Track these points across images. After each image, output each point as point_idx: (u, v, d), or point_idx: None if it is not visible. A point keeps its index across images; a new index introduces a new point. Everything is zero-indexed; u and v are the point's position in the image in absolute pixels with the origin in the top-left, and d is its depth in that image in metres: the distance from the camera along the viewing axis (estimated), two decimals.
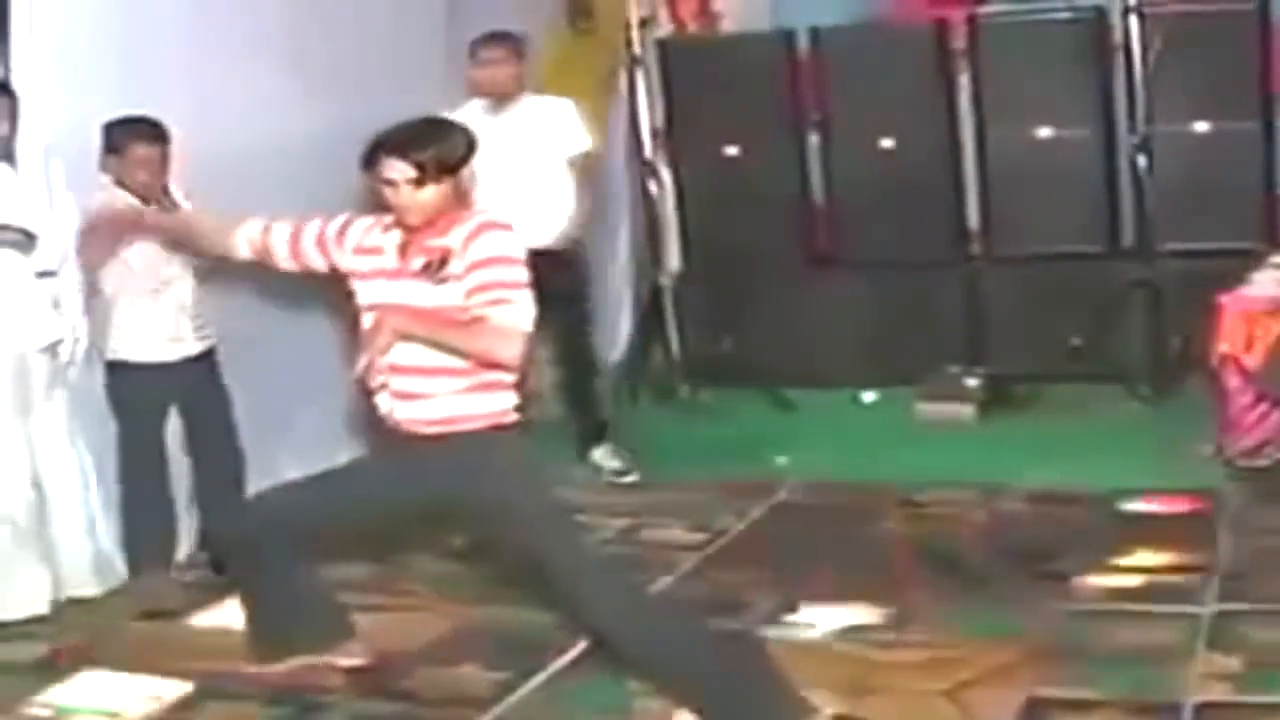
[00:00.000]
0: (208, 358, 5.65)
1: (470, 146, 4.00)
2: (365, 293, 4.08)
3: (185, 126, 5.46)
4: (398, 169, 3.89)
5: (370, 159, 3.95)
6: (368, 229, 4.13)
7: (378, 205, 4.05)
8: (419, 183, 3.89)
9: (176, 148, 5.43)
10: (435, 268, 3.90)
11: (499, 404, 4.00)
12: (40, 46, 5.19)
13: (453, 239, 3.91)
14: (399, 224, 4.00)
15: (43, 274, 5.18)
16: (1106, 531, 5.54)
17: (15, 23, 5.14)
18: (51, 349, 5.25)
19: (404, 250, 4.00)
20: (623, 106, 8.51)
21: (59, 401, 5.26)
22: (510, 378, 3.98)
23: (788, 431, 7.18)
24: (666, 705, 4.16)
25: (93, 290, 5.42)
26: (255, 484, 5.89)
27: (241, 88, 5.91)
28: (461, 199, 3.99)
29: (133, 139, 5.34)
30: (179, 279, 5.52)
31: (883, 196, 8.11)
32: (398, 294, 3.96)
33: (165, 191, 5.43)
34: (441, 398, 3.96)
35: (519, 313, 3.84)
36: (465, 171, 3.98)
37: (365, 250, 4.10)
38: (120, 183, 5.38)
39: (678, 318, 8.26)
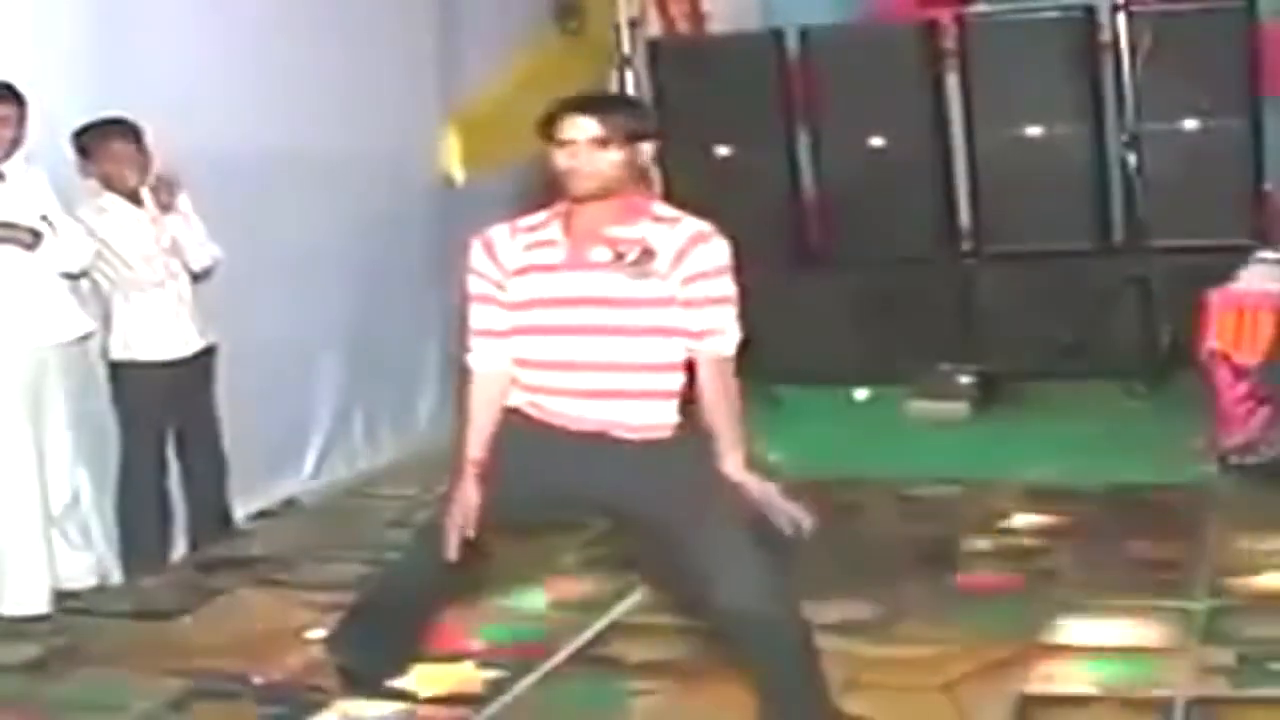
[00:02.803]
0: (206, 356, 5.67)
1: (655, 126, 3.86)
2: (535, 287, 3.82)
3: (170, 132, 5.47)
4: (580, 126, 3.71)
5: (549, 121, 3.76)
6: (531, 228, 3.89)
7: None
8: (603, 143, 3.70)
9: (158, 147, 5.44)
10: (637, 260, 3.73)
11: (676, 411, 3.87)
12: (22, 54, 5.20)
13: (651, 235, 3.75)
14: (568, 196, 3.79)
15: (69, 275, 5.20)
16: (1099, 527, 5.55)
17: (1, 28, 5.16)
18: (67, 347, 5.25)
19: (576, 239, 3.80)
20: None
21: (66, 400, 5.26)
22: None
23: (780, 429, 7.17)
24: (658, 703, 4.19)
25: (94, 290, 5.45)
26: (234, 484, 5.94)
27: (230, 91, 5.91)
28: (635, 178, 3.80)
29: (103, 136, 5.35)
30: (178, 276, 5.53)
31: (873, 195, 8.14)
32: (578, 286, 3.76)
33: (155, 191, 5.44)
34: (645, 400, 3.80)
35: (735, 339, 3.82)
36: (645, 148, 3.80)
37: (539, 244, 3.84)
38: (110, 186, 5.39)
39: None
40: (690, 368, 3.84)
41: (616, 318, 3.76)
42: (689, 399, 3.87)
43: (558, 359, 3.81)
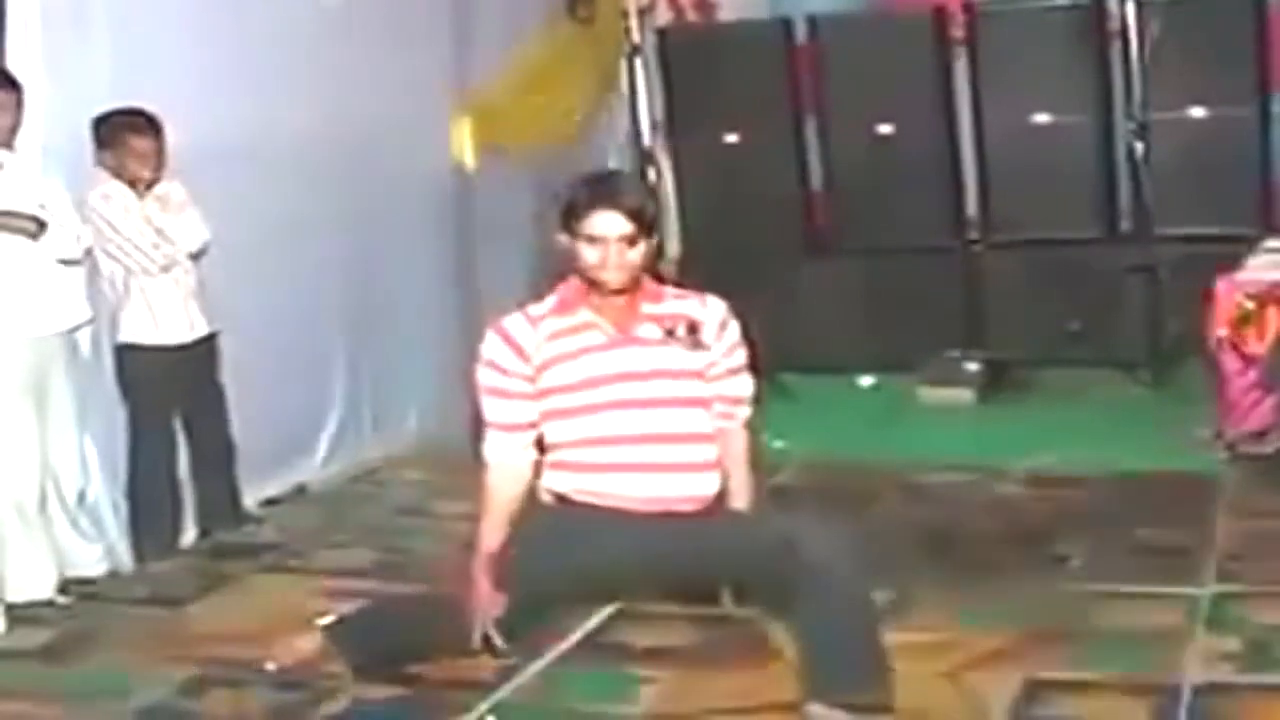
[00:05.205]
0: (210, 342, 5.70)
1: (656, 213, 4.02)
2: (584, 368, 3.90)
3: (181, 121, 5.49)
4: (612, 223, 3.77)
5: (572, 213, 3.82)
6: (549, 315, 3.96)
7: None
8: (630, 241, 3.79)
9: (171, 140, 5.47)
10: (687, 334, 3.90)
11: None
12: (36, 41, 5.21)
13: (689, 310, 3.95)
14: (597, 289, 3.87)
15: (66, 261, 5.18)
16: (1105, 514, 5.57)
17: (11, 18, 5.16)
18: (72, 334, 5.28)
19: (616, 321, 3.91)
20: (624, 95, 8.54)
21: (69, 387, 5.28)
22: None
23: (787, 416, 7.19)
24: (665, 689, 4.21)
25: (99, 274, 5.46)
26: (244, 471, 5.95)
27: (240, 81, 5.91)
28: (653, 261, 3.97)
29: (127, 132, 5.36)
30: (183, 261, 5.55)
31: (881, 183, 8.15)
32: (634, 361, 3.89)
33: (154, 182, 5.47)
34: (705, 472, 3.94)
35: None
36: (656, 236, 3.93)
37: (568, 331, 3.93)
38: (117, 175, 5.41)
39: None
40: None
41: (676, 389, 3.91)
42: None
43: (622, 433, 3.88)
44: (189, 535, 5.75)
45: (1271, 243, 6.61)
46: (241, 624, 4.84)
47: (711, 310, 3.99)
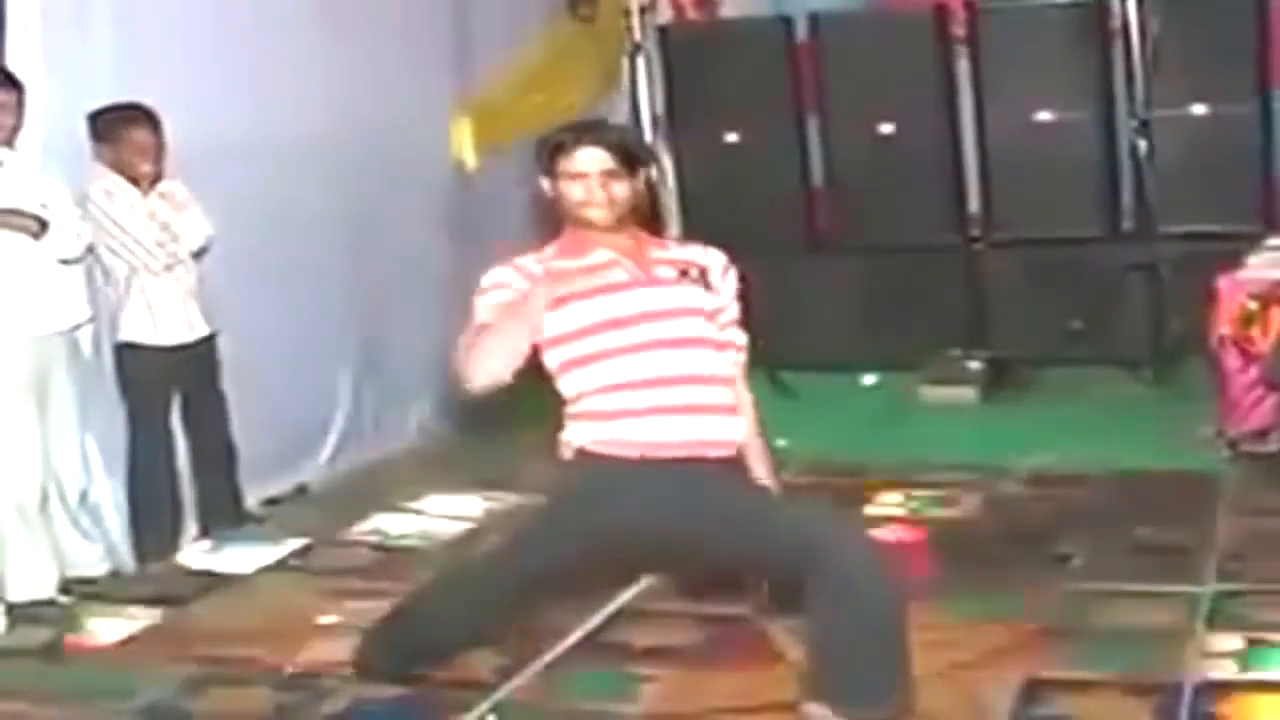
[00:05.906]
0: (210, 342, 5.69)
1: (650, 152, 3.99)
2: (602, 309, 3.81)
3: (181, 120, 5.49)
4: (593, 158, 3.77)
5: (555, 152, 3.81)
6: (555, 258, 3.88)
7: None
8: (614, 175, 3.78)
9: (170, 135, 5.47)
10: (699, 277, 3.90)
11: None
12: (36, 41, 5.21)
13: (696, 258, 3.95)
14: (583, 227, 3.83)
15: (66, 260, 5.18)
16: (1106, 513, 5.56)
17: (11, 17, 5.16)
18: (72, 333, 5.28)
19: (634, 260, 3.88)
20: (625, 93, 8.54)
21: (71, 386, 5.27)
22: None
23: (788, 415, 7.17)
24: (665, 688, 4.20)
25: (103, 274, 5.46)
26: (247, 471, 5.94)
27: (240, 81, 5.91)
28: (642, 207, 3.94)
29: (124, 126, 5.36)
30: (184, 261, 5.55)
31: (882, 181, 8.15)
32: (655, 301, 3.84)
33: (158, 178, 5.47)
34: (728, 415, 3.87)
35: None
36: (644, 175, 3.90)
37: (587, 270, 3.84)
38: (117, 169, 5.40)
39: None
40: None
41: (698, 329, 3.87)
42: None
43: (652, 376, 3.80)
44: (190, 535, 5.75)
45: (1274, 240, 6.60)
46: (242, 624, 4.84)
47: (714, 257, 3.98)
